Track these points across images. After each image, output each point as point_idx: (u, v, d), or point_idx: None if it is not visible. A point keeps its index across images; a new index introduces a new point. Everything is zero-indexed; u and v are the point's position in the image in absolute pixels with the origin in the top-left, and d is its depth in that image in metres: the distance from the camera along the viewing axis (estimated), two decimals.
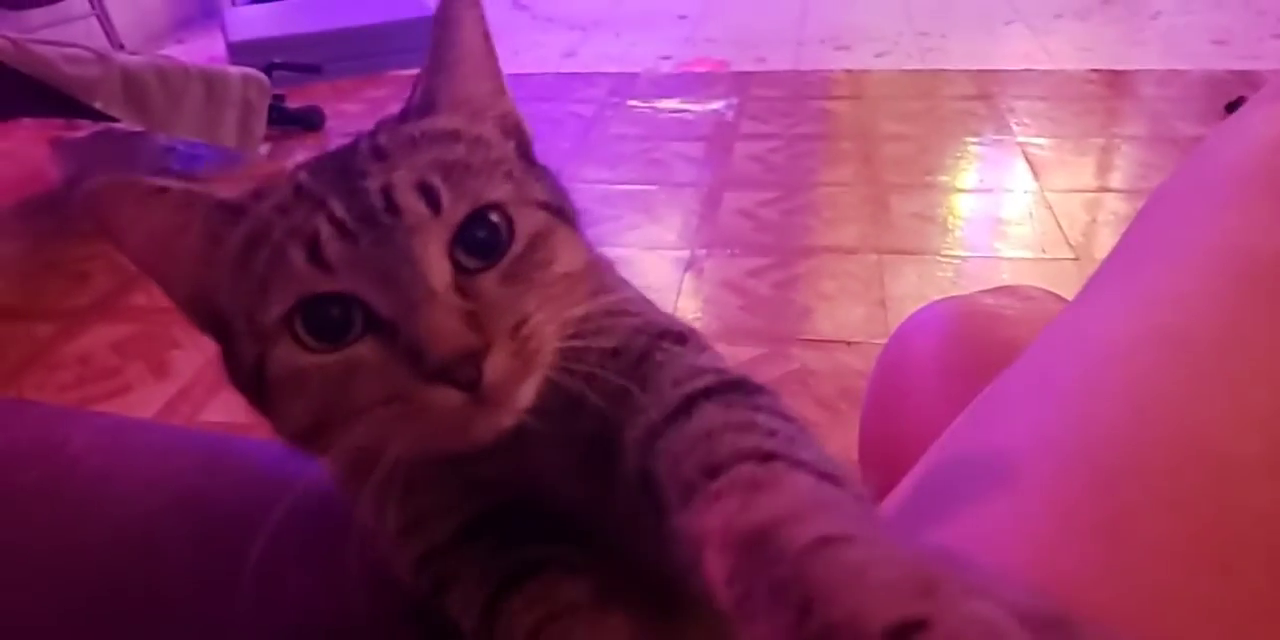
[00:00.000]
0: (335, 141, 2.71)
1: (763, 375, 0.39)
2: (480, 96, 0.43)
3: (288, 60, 3.25)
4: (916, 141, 2.73)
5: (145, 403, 1.70)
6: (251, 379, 0.40)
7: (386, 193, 0.37)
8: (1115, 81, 3.29)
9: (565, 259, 0.40)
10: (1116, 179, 2.63)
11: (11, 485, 0.57)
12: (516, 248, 0.39)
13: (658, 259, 2.20)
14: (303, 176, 0.40)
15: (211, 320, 0.42)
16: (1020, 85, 3.22)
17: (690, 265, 2.14)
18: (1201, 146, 0.40)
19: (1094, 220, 2.35)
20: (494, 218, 0.39)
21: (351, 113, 3.17)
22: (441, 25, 0.41)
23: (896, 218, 2.31)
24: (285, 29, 3.63)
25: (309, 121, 3.02)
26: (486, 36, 0.43)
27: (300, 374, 0.38)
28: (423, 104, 0.42)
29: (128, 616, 0.51)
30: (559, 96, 3.33)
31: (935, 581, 0.21)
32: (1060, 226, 2.27)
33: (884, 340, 0.72)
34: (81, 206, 0.39)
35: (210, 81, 2.59)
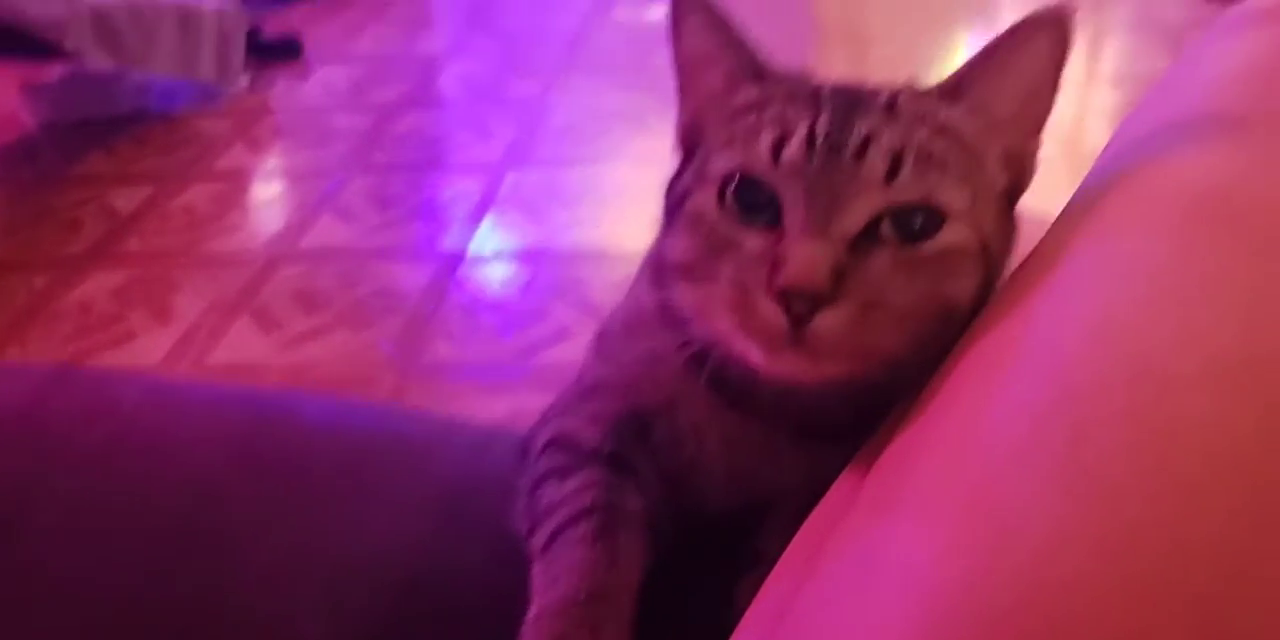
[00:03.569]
0: (316, 69, 2.64)
1: None
2: (1007, 119, 0.43)
3: None
4: (906, 41, 2.68)
5: (150, 349, 1.71)
6: (673, 201, 0.45)
7: (866, 141, 0.40)
8: None
9: (957, 288, 0.41)
10: (1103, 68, 2.60)
11: (81, 444, 0.59)
12: (928, 249, 0.40)
13: (653, 174, 2.18)
14: (827, 87, 0.44)
15: (688, 142, 0.48)
16: None
17: None
18: (1160, 80, 0.41)
19: (1080, 114, 2.32)
20: (932, 216, 0.40)
21: (329, 37, 3.11)
22: (1016, 37, 0.42)
23: None
24: None
25: (288, 50, 2.96)
26: (1055, 74, 0.42)
27: (701, 220, 0.42)
28: (952, 89, 0.43)
29: (196, 563, 0.54)
30: (543, 7, 3.27)
31: None
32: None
33: None
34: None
35: (184, 15, 2.54)
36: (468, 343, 1.68)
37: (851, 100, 0.42)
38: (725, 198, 0.42)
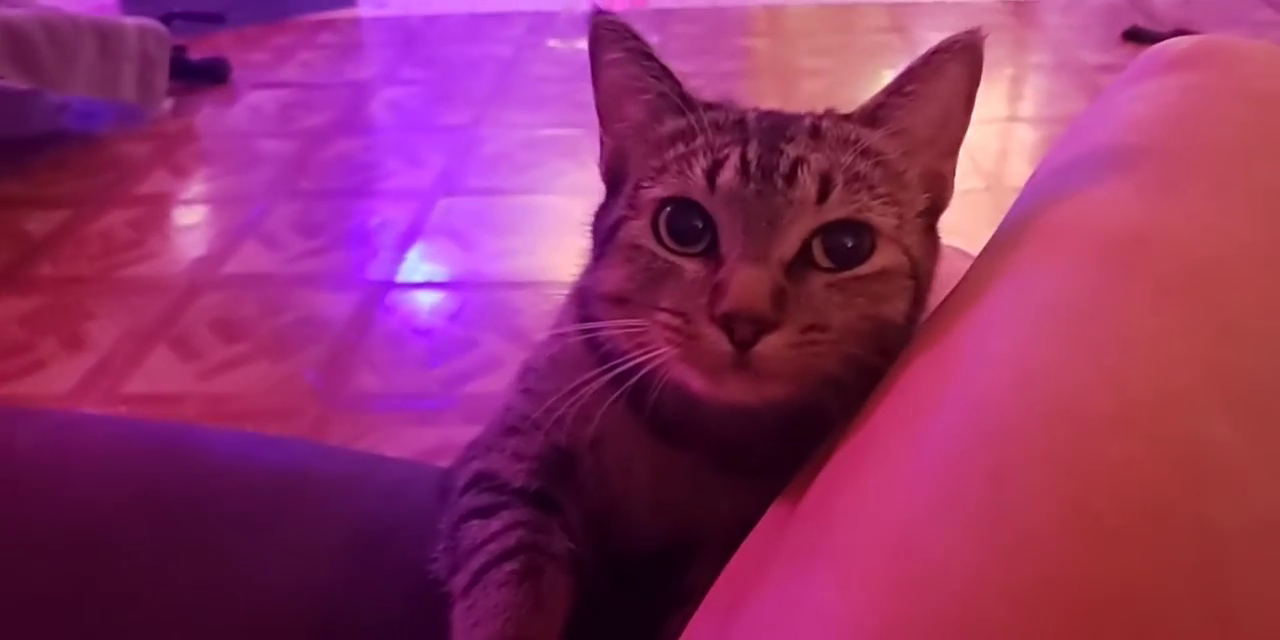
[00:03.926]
0: (244, 93, 2.61)
1: None
2: (924, 141, 0.45)
3: (187, 9, 3.11)
4: (833, 76, 2.73)
5: (61, 378, 1.64)
6: (603, 234, 0.45)
7: (796, 164, 0.41)
8: (1021, 11, 3.33)
9: (891, 308, 0.42)
10: (1025, 108, 2.68)
11: None
12: (862, 270, 0.41)
13: (585, 205, 2.18)
14: (751, 113, 0.45)
15: (613, 180, 0.48)
16: (932, 17, 3.24)
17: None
18: (1075, 123, 0.43)
19: (1004, 150, 2.39)
20: (863, 237, 0.41)
21: (259, 62, 3.06)
22: (929, 64, 0.43)
23: None
24: None
25: (215, 73, 2.90)
26: (968, 97, 0.44)
27: (637, 250, 0.42)
28: (872, 114, 0.45)
29: (91, 615, 0.51)
30: (476, 37, 3.26)
31: None
32: (973, 157, 2.30)
33: None
34: (592, 25, 0.45)
35: (104, 34, 2.47)
36: (394, 373, 1.65)
37: (778, 126, 0.43)
38: (659, 226, 0.42)
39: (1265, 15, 3.15)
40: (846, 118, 0.45)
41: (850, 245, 0.41)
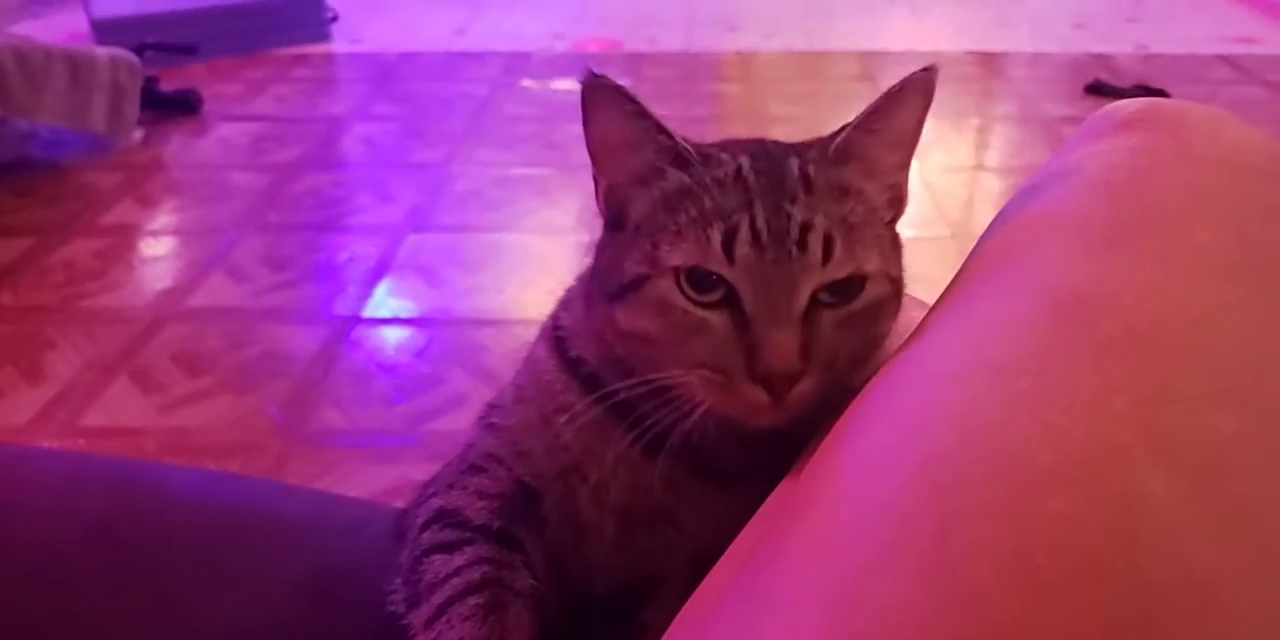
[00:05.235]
0: (215, 125, 2.60)
1: None
2: (889, 168, 0.49)
3: (160, 40, 3.11)
4: (803, 123, 2.78)
5: (17, 409, 1.61)
6: (620, 284, 0.47)
7: (804, 231, 0.44)
8: (988, 63, 3.40)
9: (884, 326, 0.48)
10: (991, 158, 2.73)
11: None
12: (857, 306, 0.46)
13: (556, 244, 2.19)
14: (744, 162, 0.47)
15: (615, 216, 0.50)
16: (901, 66, 3.27)
17: (589, 249, 2.14)
18: (1029, 182, 0.45)
19: (970, 199, 2.43)
20: (858, 282, 0.46)
21: (231, 94, 3.06)
22: (892, 101, 0.48)
23: None
24: (156, 6, 3.46)
25: (186, 104, 2.90)
26: (920, 123, 0.49)
27: (666, 305, 0.45)
28: (844, 150, 0.48)
29: None
30: (450, 75, 3.28)
31: None
32: (939, 205, 2.34)
33: None
34: (584, 86, 0.46)
35: (75, 63, 2.47)
36: (358, 409, 1.63)
37: (775, 181, 0.46)
38: (683, 284, 0.45)
39: (1223, 73, 3.24)
40: (824, 157, 0.48)
41: (846, 287, 0.46)
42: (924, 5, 4.08)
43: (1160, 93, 2.93)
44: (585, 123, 0.48)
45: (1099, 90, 3.00)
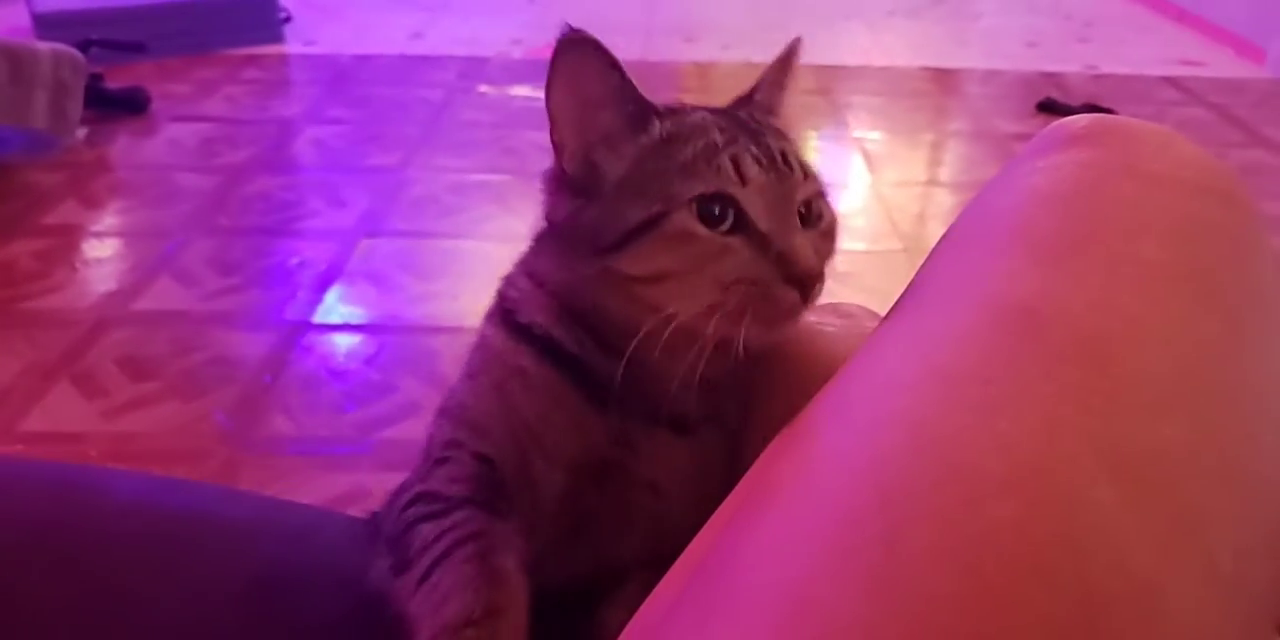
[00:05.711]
0: (164, 125, 2.55)
1: None
2: (787, 115, 0.58)
3: (106, 36, 3.05)
4: None
5: None
6: (622, 232, 0.49)
7: (783, 154, 0.51)
8: (942, 79, 3.46)
9: (834, 247, 0.53)
10: (944, 173, 2.77)
11: None
12: (823, 225, 0.52)
13: (511, 251, 2.17)
14: (707, 114, 0.53)
15: (588, 179, 0.52)
16: (857, 80, 3.34)
17: (542, 225, 2.13)
18: (980, 195, 0.46)
19: (922, 213, 2.46)
20: (821, 201, 0.53)
21: (180, 94, 3.01)
22: (790, 61, 0.59)
23: None
24: (101, 1, 3.39)
25: (133, 103, 2.83)
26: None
27: (689, 235, 0.48)
28: (766, 106, 0.58)
29: None
30: (406, 80, 3.25)
31: None
32: (892, 219, 2.37)
33: None
34: (562, 41, 0.49)
35: (15, 58, 2.41)
36: (307, 416, 1.61)
37: (738, 124, 0.52)
38: (700, 214, 0.49)
39: (1170, 95, 3.32)
40: (760, 107, 0.57)
41: (816, 207, 0.52)
42: (880, 21, 4.13)
43: (1109, 111, 2.99)
44: (556, 80, 0.51)
45: (1050, 108, 3.06)
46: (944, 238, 0.45)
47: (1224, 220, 0.39)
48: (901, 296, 0.44)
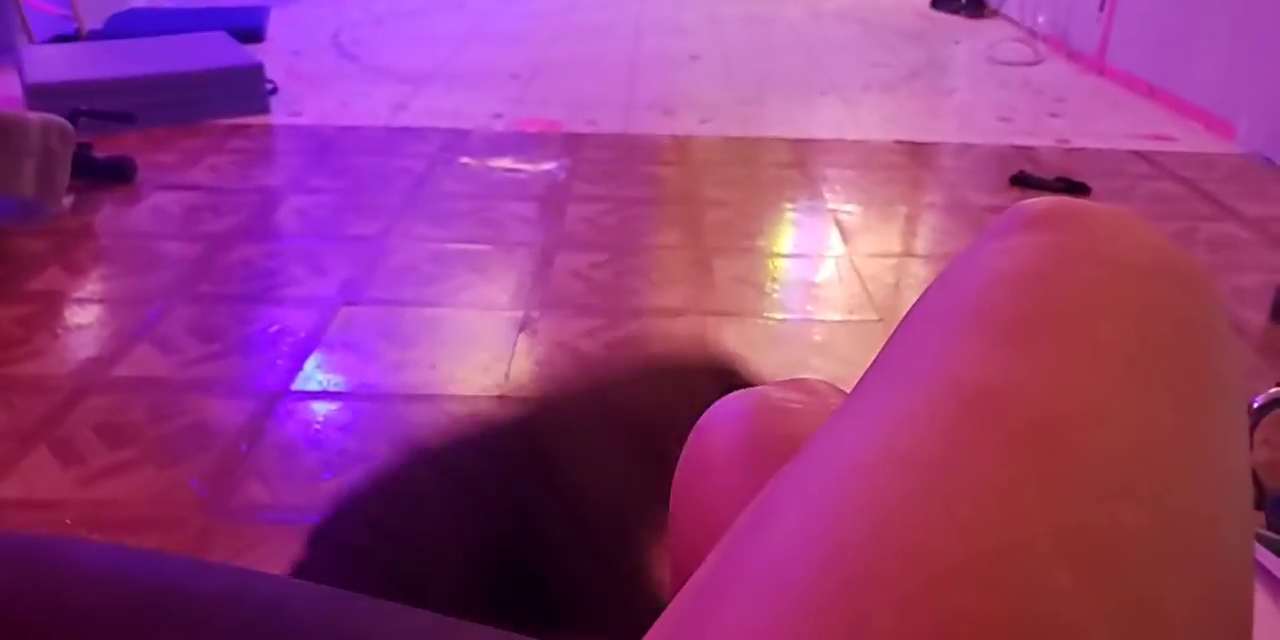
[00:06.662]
0: (149, 194, 2.58)
1: None
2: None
3: (95, 107, 3.10)
4: (737, 207, 2.84)
5: None
6: None
7: None
8: (916, 152, 3.54)
9: None
10: (918, 245, 2.82)
11: None
12: None
13: (491, 319, 2.20)
14: None
15: None
16: (832, 154, 3.42)
17: (524, 326, 2.15)
18: (942, 274, 0.47)
19: (897, 284, 2.50)
20: None
21: (166, 163, 3.04)
22: None
23: (719, 280, 2.39)
24: (91, 72, 3.44)
25: (120, 172, 2.87)
26: None
27: None
28: None
29: None
30: (389, 150, 3.30)
31: None
32: (867, 290, 2.40)
33: None
34: None
35: (5, 128, 2.44)
36: (283, 484, 1.60)
37: None
38: None
39: (1141, 169, 3.41)
40: None
41: None
42: (854, 96, 4.24)
43: (1082, 185, 3.07)
44: None
45: (1023, 181, 3.13)
46: (908, 316, 0.46)
47: (1182, 304, 0.40)
48: (865, 374, 0.45)
